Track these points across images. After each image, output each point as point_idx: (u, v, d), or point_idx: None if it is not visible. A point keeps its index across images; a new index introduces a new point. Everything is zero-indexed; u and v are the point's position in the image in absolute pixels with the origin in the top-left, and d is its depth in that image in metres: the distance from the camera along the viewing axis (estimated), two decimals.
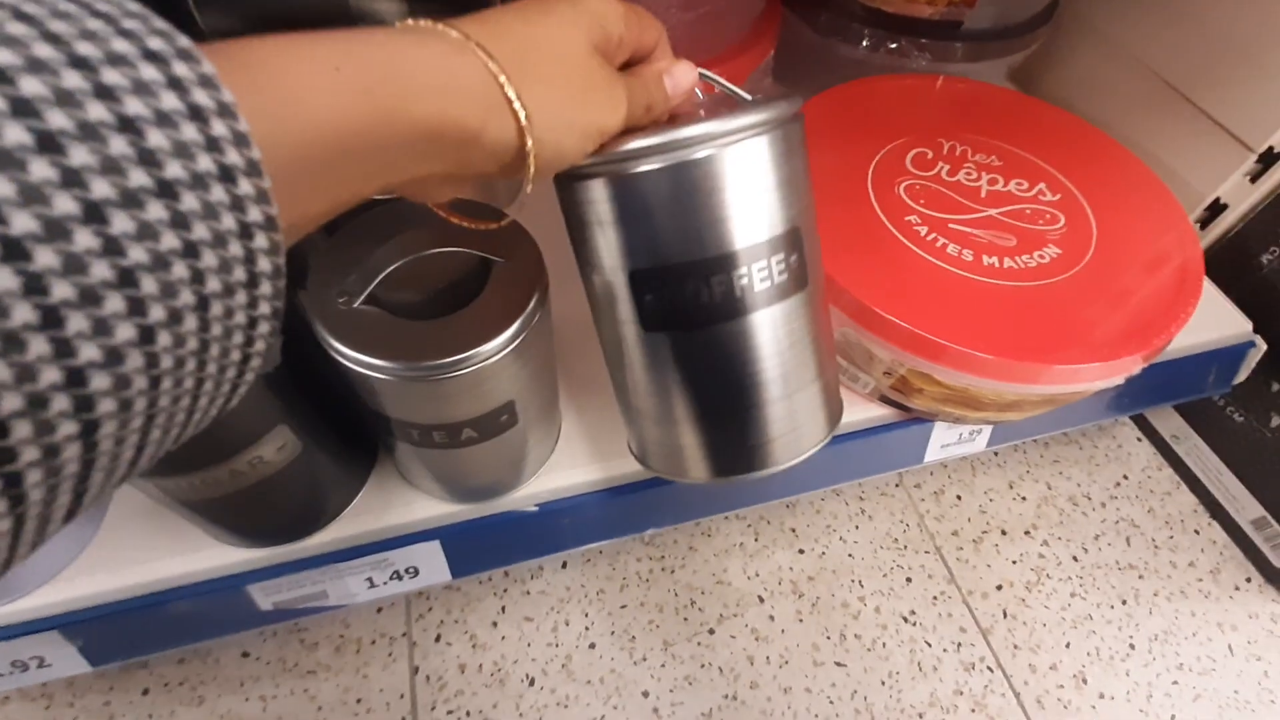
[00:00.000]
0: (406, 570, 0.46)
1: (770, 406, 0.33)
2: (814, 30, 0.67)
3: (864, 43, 0.65)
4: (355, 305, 0.34)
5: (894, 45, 0.64)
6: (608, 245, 0.30)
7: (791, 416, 0.34)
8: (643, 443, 0.38)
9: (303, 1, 0.39)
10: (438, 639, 0.60)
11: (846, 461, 0.56)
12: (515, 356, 0.35)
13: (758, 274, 0.30)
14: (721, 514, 0.66)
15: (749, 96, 0.33)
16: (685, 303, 0.30)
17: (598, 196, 0.29)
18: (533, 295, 0.35)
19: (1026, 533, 0.69)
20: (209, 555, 0.43)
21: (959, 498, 0.71)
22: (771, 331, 0.32)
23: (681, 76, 0.30)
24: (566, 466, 0.48)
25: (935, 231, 0.49)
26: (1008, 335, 0.43)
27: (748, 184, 0.29)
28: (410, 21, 0.23)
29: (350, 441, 0.44)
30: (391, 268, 0.34)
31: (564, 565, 0.64)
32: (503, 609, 0.61)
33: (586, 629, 0.60)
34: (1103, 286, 0.47)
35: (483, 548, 0.47)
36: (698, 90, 0.32)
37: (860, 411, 0.53)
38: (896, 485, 0.71)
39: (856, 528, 0.68)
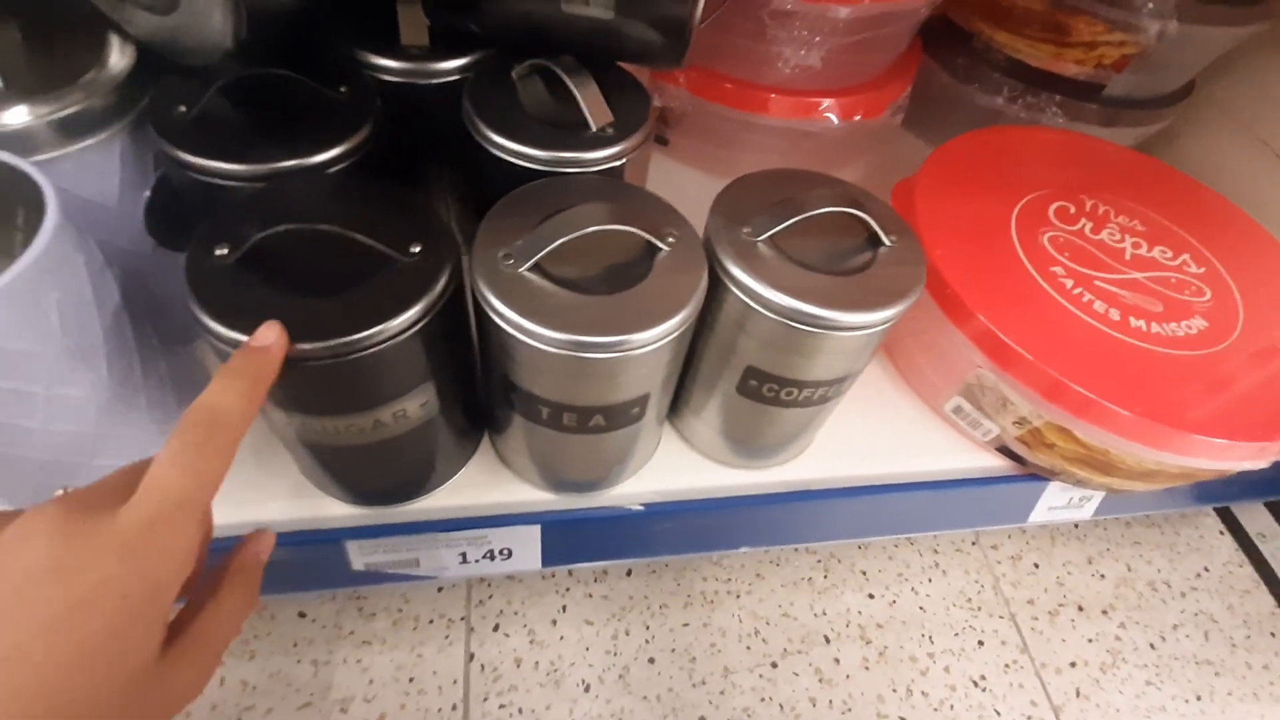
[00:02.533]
0: (501, 551, 0.45)
1: None
2: (950, 74, 0.67)
3: (1002, 93, 0.65)
4: (520, 270, 0.33)
5: (1032, 99, 0.64)
6: None
7: None
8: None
9: (518, 7, 0.39)
10: (496, 628, 0.58)
11: (944, 509, 0.54)
12: (669, 349, 0.35)
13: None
14: (793, 545, 0.64)
15: None
16: None
17: None
18: (696, 288, 0.34)
19: (1104, 612, 0.66)
20: (313, 504, 0.42)
21: (1036, 566, 0.69)
22: None
23: None
24: (671, 470, 0.46)
25: (1081, 286, 0.47)
26: (1158, 400, 0.42)
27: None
28: None
29: (471, 413, 0.43)
30: (562, 240, 0.33)
31: (629, 573, 0.62)
32: (563, 608, 0.60)
33: (647, 642, 0.58)
34: (1252, 366, 0.45)
35: (579, 540, 0.46)
36: None
37: (970, 459, 0.51)
38: (973, 543, 0.69)
39: (929, 580, 0.65)
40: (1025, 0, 0.61)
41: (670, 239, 0.35)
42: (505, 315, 0.32)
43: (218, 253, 0.31)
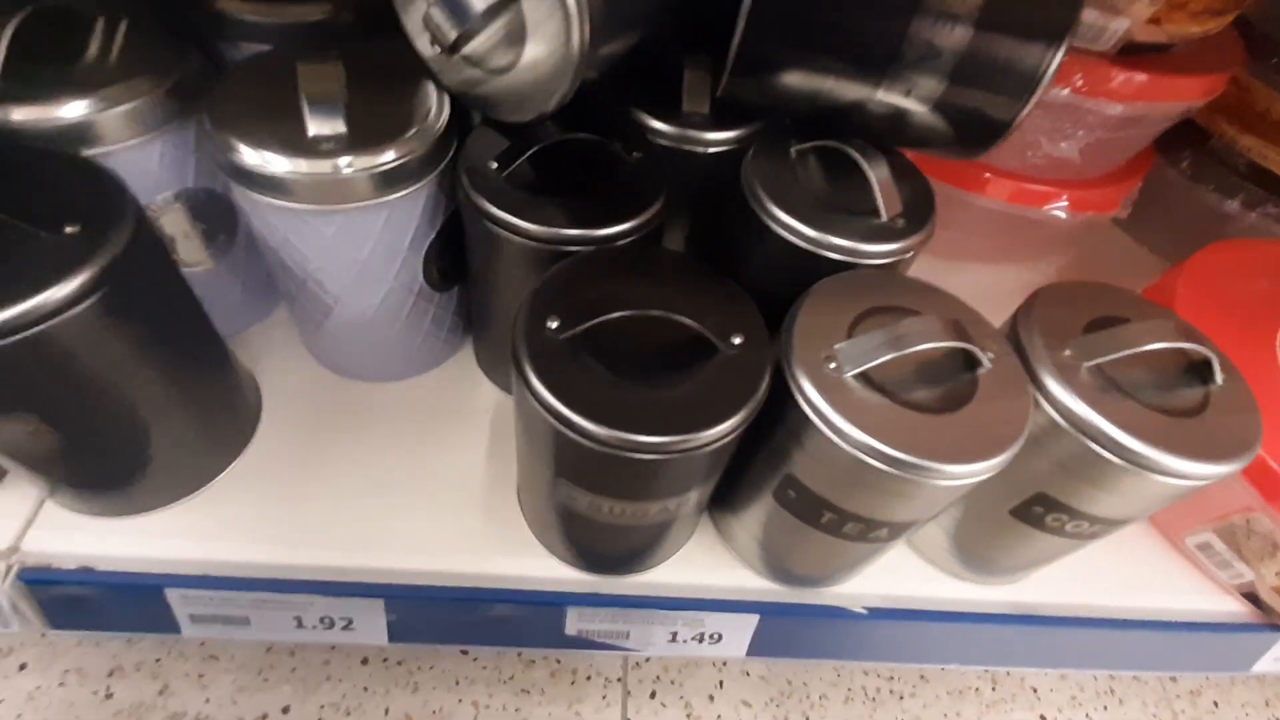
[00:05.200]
0: (711, 635, 0.43)
1: None
2: (1178, 172, 0.63)
3: (1238, 197, 0.61)
4: (844, 377, 0.31)
5: (1274, 208, 0.60)
6: None
7: None
8: None
9: (824, 88, 0.37)
10: (652, 695, 0.56)
11: (1164, 650, 0.49)
12: (994, 477, 0.32)
13: None
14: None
15: None
16: None
17: None
18: (1026, 416, 0.32)
19: None
20: (542, 565, 0.41)
21: (1215, 704, 0.63)
22: None
23: None
24: (894, 574, 0.44)
25: None
26: None
27: None
28: None
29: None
30: (895, 355, 0.31)
31: None
32: (720, 684, 0.57)
33: None
34: None
35: (793, 634, 0.44)
36: None
37: (1206, 602, 0.47)
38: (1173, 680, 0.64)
39: (1105, 709, 0.61)
40: None
41: (990, 354, 0.33)
42: (833, 423, 0.30)
43: (550, 325, 0.30)
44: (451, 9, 0.34)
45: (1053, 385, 0.33)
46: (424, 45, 0.37)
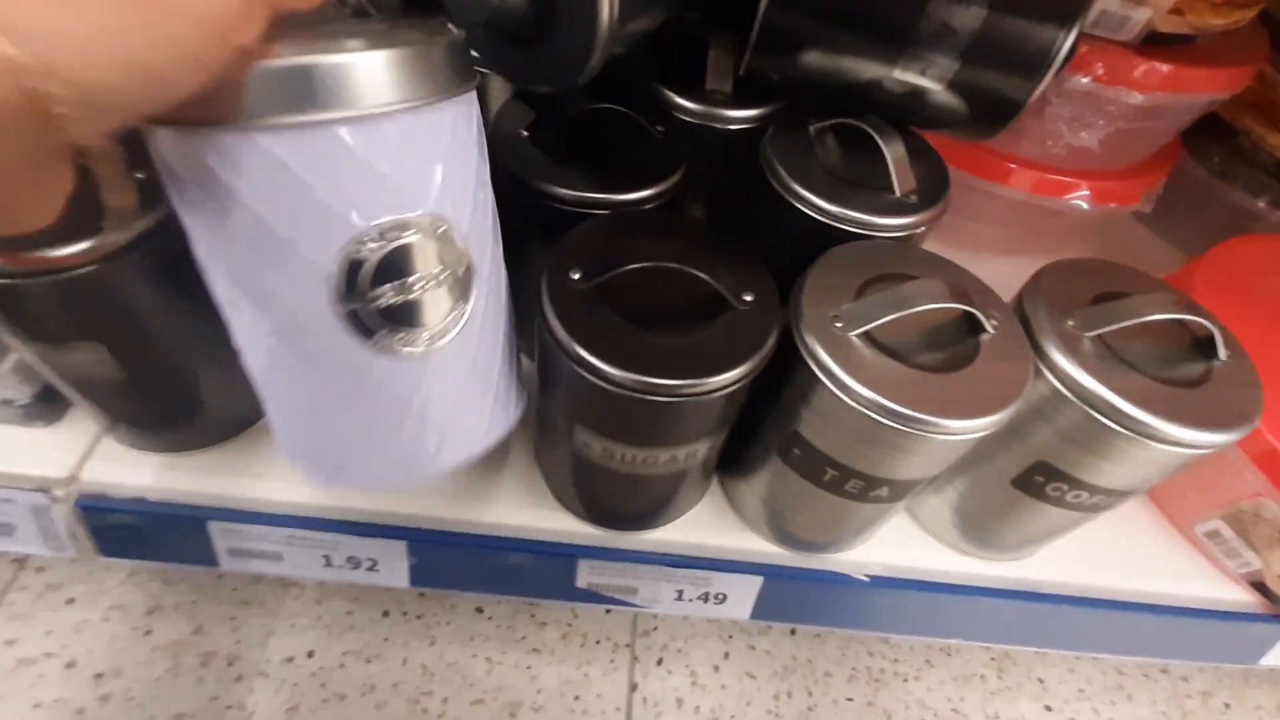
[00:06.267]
0: (716, 595, 0.45)
1: None
2: (1205, 169, 0.63)
3: (1265, 195, 0.61)
4: (850, 335, 0.33)
5: None
6: None
7: None
8: None
9: (842, 67, 0.39)
10: (659, 662, 0.58)
11: (1168, 636, 0.50)
12: (991, 436, 0.33)
13: None
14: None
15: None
16: None
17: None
18: (1025, 379, 0.33)
19: None
20: (556, 518, 0.43)
21: (1227, 705, 0.62)
22: None
23: None
24: (897, 545, 0.45)
25: None
26: None
27: None
28: None
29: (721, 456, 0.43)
30: (898, 314, 0.33)
31: (793, 631, 0.61)
32: (726, 655, 0.59)
33: (809, 709, 0.56)
34: None
35: (796, 598, 0.45)
36: None
37: (1213, 589, 0.47)
38: (1162, 670, 0.63)
39: (1113, 704, 0.60)
40: None
41: (994, 320, 0.34)
42: (839, 378, 0.32)
43: (573, 276, 0.32)
44: None
45: (1055, 353, 0.34)
46: (464, 25, 0.40)
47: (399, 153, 0.20)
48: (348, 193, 0.19)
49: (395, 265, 0.21)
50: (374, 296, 0.21)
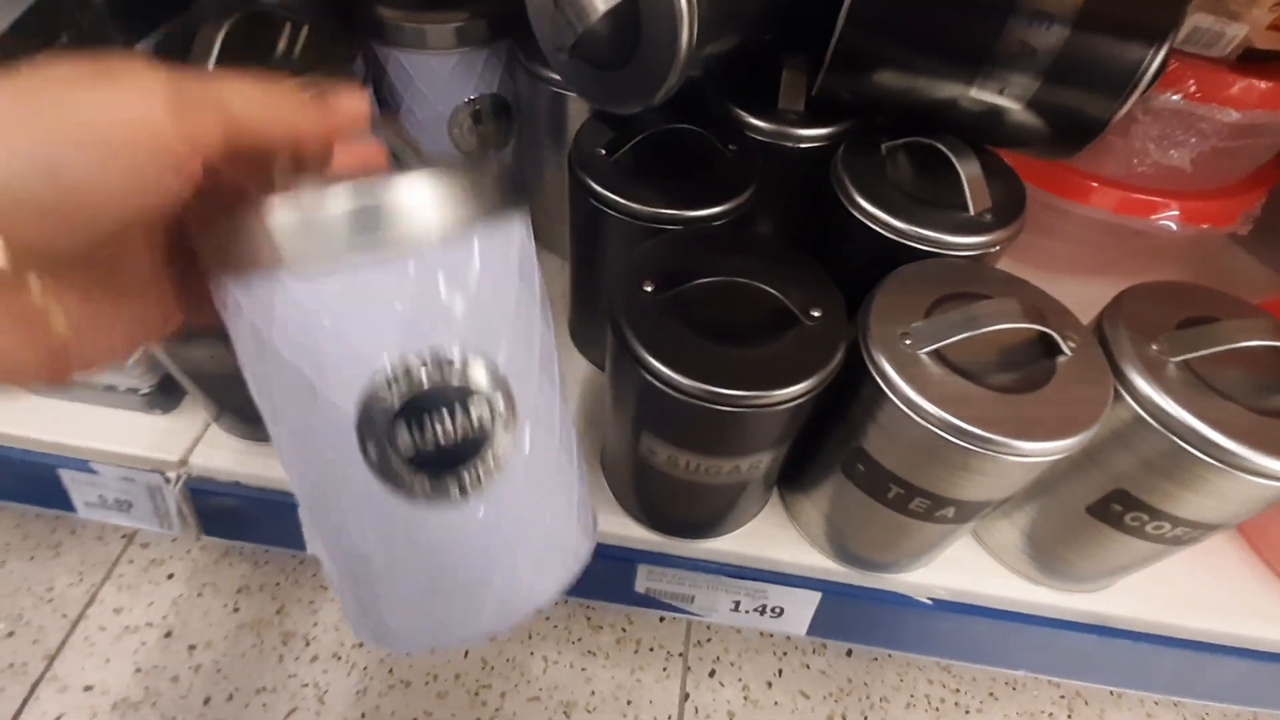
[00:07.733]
0: (773, 609, 0.45)
1: None
2: None
3: None
4: (919, 353, 0.33)
5: None
6: None
7: None
8: None
9: (919, 86, 0.39)
10: (712, 674, 0.58)
11: (1257, 682, 0.46)
12: (1066, 459, 0.33)
13: None
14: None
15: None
16: None
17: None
18: (1104, 402, 0.32)
19: None
20: (617, 522, 0.44)
21: None
22: None
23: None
24: (963, 569, 0.44)
25: None
26: None
27: None
28: None
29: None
30: (971, 333, 0.32)
31: (849, 653, 0.60)
32: (779, 672, 0.58)
33: None
34: None
35: (854, 617, 0.45)
36: None
37: None
38: (1253, 718, 0.59)
39: None
40: None
41: (1072, 343, 0.33)
42: (905, 394, 0.32)
43: (646, 289, 0.34)
44: (575, 13, 0.38)
45: (1136, 378, 0.33)
46: (549, 49, 0.42)
47: (416, 288, 0.19)
48: (364, 330, 0.18)
49: (418, 406, 0.19)
50: (401, 439, 0.19)
